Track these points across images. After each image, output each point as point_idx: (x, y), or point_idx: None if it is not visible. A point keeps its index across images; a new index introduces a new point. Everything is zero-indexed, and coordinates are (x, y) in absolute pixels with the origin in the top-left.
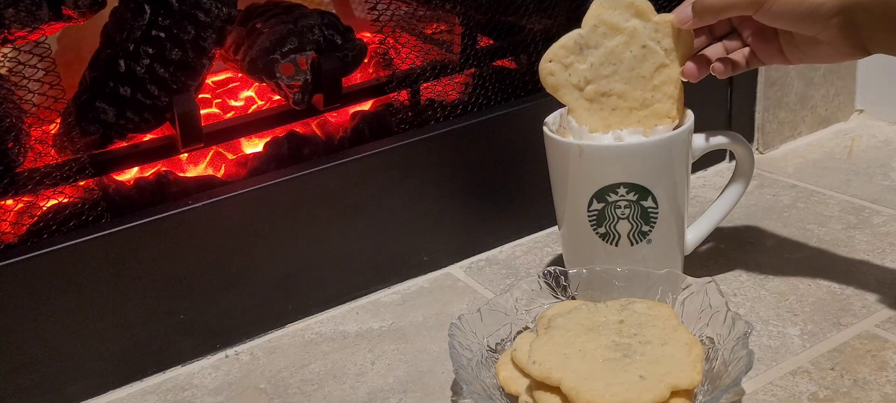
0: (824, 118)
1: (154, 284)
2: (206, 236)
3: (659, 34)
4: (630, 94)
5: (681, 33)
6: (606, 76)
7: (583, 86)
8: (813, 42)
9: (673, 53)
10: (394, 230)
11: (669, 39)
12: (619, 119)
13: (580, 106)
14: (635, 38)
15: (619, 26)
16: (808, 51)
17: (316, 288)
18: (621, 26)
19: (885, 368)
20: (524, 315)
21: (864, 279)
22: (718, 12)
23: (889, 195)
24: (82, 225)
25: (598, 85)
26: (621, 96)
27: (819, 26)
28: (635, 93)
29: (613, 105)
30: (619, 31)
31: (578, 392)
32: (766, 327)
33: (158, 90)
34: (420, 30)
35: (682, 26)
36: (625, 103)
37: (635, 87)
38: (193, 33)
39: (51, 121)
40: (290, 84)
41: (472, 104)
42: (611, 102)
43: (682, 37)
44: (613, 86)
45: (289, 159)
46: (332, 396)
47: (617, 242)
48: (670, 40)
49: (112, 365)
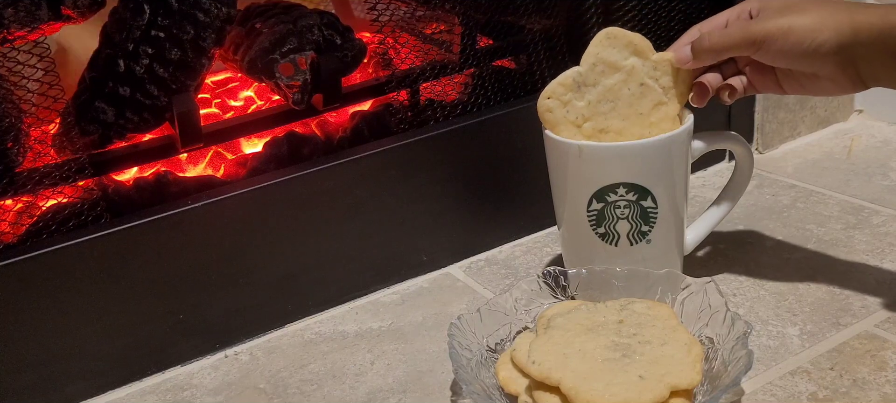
0: (824, 118)
1: (153, 284)
2: (205, 236)
3: (657, 72)
4: (627, 131)
5: (679, 71)
6: (604, 113)
7: (580, 123)
8: (812, 77)
9: (671, 91)
10: (393, 230)
11: (668, 77)
12: None
13: None
14: (633, 76)
15: (618, 64)
16: (807, 84)
17: (315, 289)
18: (620, 64)
19: (885, 368)
20: (524, 315)
21: (863, 279)
22: (718, 54)
23: (888, 195)
24: (81, 225)
25: (596, 122)
26: (619, 133)
27: (818, 64)
28: (632, 129)
29: (610, 141)
30: (617, 69)
31: (578, 392)
32: (766, 327)
33: (158, 90)
34: (419, 30)
35: (680, 66)
36: (622, 139)
37: (632, 124)
38: (193, 33)
39: (50, 121)
40: (289, 84)
41: (472, 104)
42: (608, 139)
43: (681, 74)
44: (611, 123)
45: (288, 159)
46: (332, 396)
47: (616, 242)
48: (669, 78)
49: (111, 365)
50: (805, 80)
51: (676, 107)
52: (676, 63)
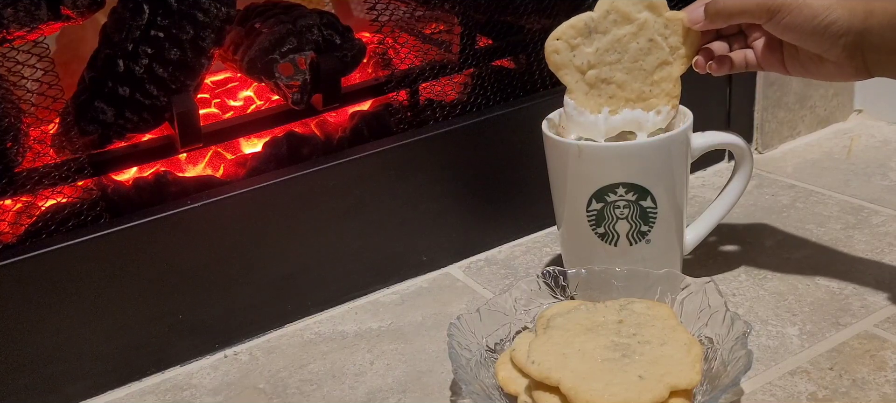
0: (823, 118)
1: (153, 284)
2: (204, 236)
3: (667, 30)
4: (629, 85)
5: (689, 33)
6: (609, 63)
7: (585, 69)
8: (817, 59)
9: (678, 51)
10: (393, 230)
11: (677, 38)
12: (613, 107)
13: (579, 89)
14: (644, 31)
15: (631, 16)
16: (810, 66)
17: (315, 288)
18: (633, 16)
19: (884, 368)
20: (523, 315)
21: (862, 279)
22: (731, 17)
23: (888, 195)
24: (81, 225)
25: (600, 71)
26: (620, 86)
27: (827, 44)
28: (634, 84)
29: (611, 93)
30: (629, 20)
31: (577, 392)
32: (765, 327)
33: (157, 90)
34: (419, 30)
35: (692, 26)
36: (622, 93)
37: (635, 79)
38: (192, 33)
39: (49, 121)
40: (289, 84)
41: (471, 104)
42: (609, 90)
43: (690, 36)
44: (614, 74)
45: (288, 159)
46: (331, 396)
47: (616, 242)
48: (677, 38)
49: (111, 365)
50: (809, 63)
51: (680, 68)
52: (688, 22)
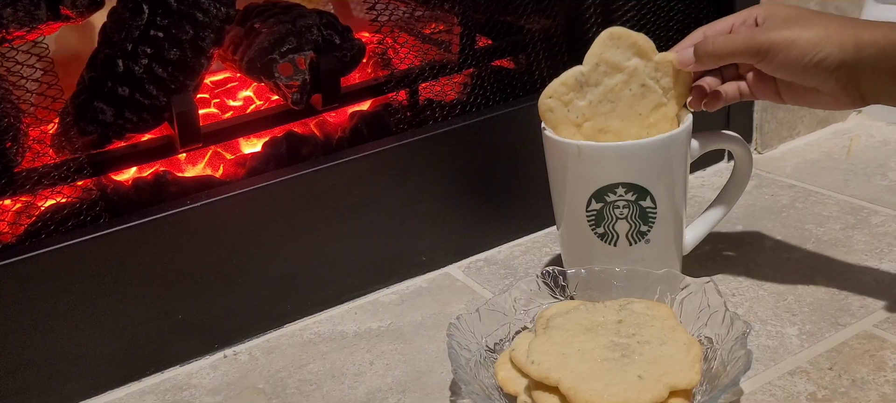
0: (822, 118)
1: (152, 284)
2: (204, 236)
3: (658, 73)
4: (626, 131)
5: (680, 73)
6: (604, 113)
7: (581, 122)
8: (812, 91)
9: (671, 92)
10: (392, 230)
11: (668, 78)
12: None
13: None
14: (635, 77)
15: (620, 65)
16: (805, 96)
17: (314, 289)
18: (622, 65)
19: (884, 368)
20: (523, 315)
21: (862, 279)
22: (721, 59)
23: (887, 195)
24: (80, 225)
25: (595, 122)
26: (617, 133)
27: (820, 79)
28: (631, 130)
29: (609, 141)
30: (619, 69)
31: (577, 392)
32: (765, 327)
33: (157, 90)
34: (418, 30)
35: (683, 68)
36: (620, 139)
37: (631, 124)
38: (192, 33)
39: (49, 121)
40: (288, 84)
41: (471, 104)
42: (607, 139)
43: (681, 76)
44: (610, 123)
45: (287, 159)
46: (331, 396)
47: (615, 242)
48: (669, 79)
49: (110, 365)
50: (805, 93)
51: (675, 108)
52: (678, 65)
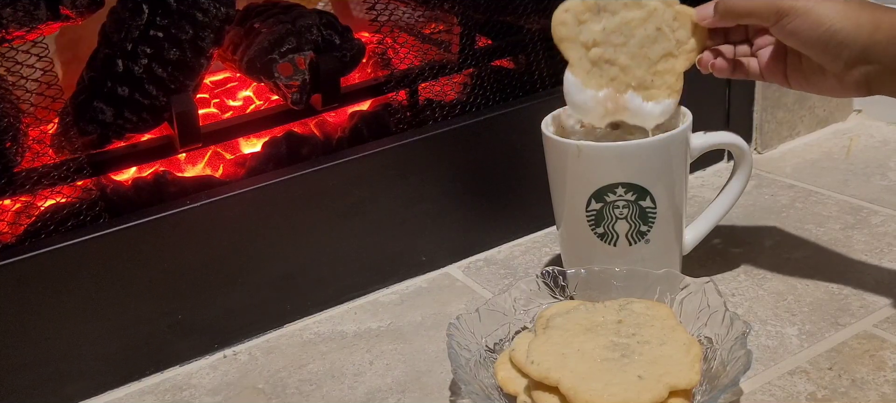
0: (822, 118)
1: (152, 284)
2: (204, 236)
3: (676, 23)
4: (632, 71)
5: (697, 29)
6: (615, 45)
7: (590, 46)
8: (819, 71)
9: (683, 46)
10: (392, 230)
11: (684, 31)
12: (613, 90)
13: (581, 65)
14: (652, 18)
15: (641, 1)
16: (812, 79)
17: (314, 288)
18: (643, 2)
19: (884, 368)
20: (522, 315)
21: (862, 279)
22: (740, 16)
23: (887, 195)
24: (80, 225)
25: (605, 50)
26: (623, 69)
27: (830, 55)
28: (637, 71)
29: (613, 75)
30: (640, 6)
31: (577, 392)
32: (765, 327)
33: (156, 90)
34: (418, 30)
35: (701, 23)
36: (624, 77)
37: (638, 65)
38: (191, 33)
39: (49, 121)
40: (288, 84)
41: (471, 104)
42: (611, 72)
43: (697, 33)
44: (619, 56)
45: (287, 159)
46: (331, 396)
47: (615, 242)
48: (685, 32)
49: (110, 365)
50: (812, 74)
51: (685, 64)
52: (697, 18)
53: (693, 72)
